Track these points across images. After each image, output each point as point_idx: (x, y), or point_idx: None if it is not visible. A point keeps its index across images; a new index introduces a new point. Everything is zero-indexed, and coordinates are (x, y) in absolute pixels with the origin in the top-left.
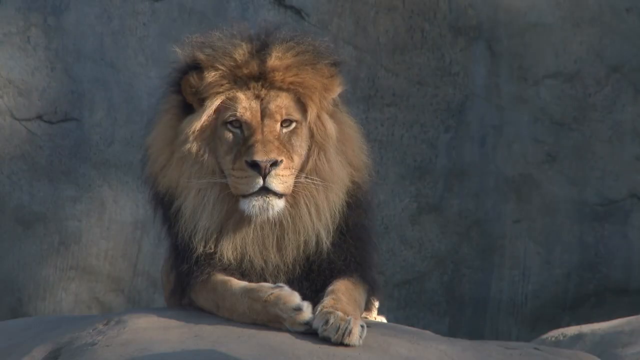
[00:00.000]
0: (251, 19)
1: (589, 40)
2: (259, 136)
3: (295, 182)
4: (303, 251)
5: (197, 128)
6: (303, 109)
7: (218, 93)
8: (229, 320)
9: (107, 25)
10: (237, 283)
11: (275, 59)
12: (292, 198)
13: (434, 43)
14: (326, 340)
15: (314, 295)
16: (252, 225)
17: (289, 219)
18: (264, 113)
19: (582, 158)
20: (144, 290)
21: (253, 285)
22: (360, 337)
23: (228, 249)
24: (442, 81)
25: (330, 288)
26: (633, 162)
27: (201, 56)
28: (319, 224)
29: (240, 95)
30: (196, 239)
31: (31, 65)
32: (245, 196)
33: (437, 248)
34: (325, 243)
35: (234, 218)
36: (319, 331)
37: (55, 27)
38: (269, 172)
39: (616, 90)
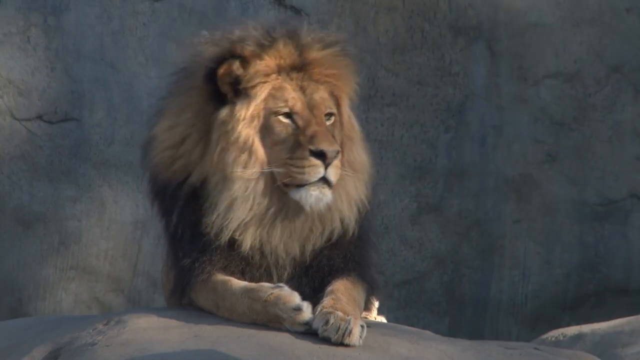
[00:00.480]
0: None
1: (589, 40)
2: (316, 127)
3: None
4: (326, 241)
5: (247, 117)
6: (336, 102)
7: (265, 82)
8: (229, 320)
9: (107, 25)
10: (238, 283)
11: (314, 51)
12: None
13: (434, 43)
14: (326, 341)
15: (312, 292)
16: (290, 216)
17: (324, 209)
18: (311, 104)
19: (582, 158)
20: (144, 290)
21: (253, 285)
22: (360, 337)
23: (248, 239)
24: (442, 81)
25: (329, 288)
26: (633, 162)
27: (243, 46)
28: (350, 214)
29: (287, 86)
30: (226, 230)
31: (31, 65)
32: (300, 186)
33: (437, 248)
34: (354, 232)
35: (273, 208)
36: (319, 331)
37: (55, 27)
38: (330, 162)
39: (616, 90)
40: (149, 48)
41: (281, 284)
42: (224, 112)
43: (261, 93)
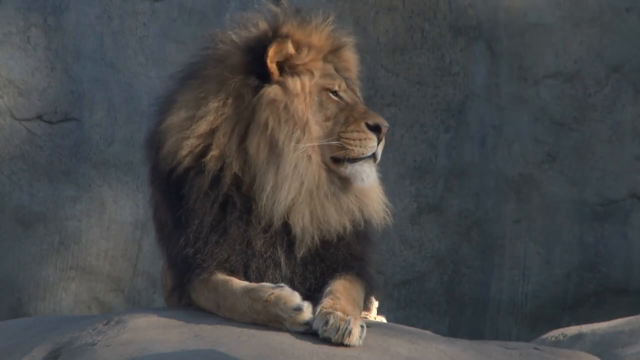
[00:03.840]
0: None
1: (589, 40)
2: (363, 105)
3: None
4: (365, 222)
5: (301, 93)
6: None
7: (317, 60)
8: (230, 320)
9: (107, 25)
10: (238, 283)
11: (344, 37)
12: None
13: (434, 43)
14: (326, 341)
15: (314, 280)
16: (339, 193)
17: (372, 186)
18: (349, 85)
19: (582, 158)
20: (144, 290)
21: (254, 285)
22: (360, 337)
23: (299, 219)
24: (442, 81)
25: (328, 289)
26: (633, 162)
27: (290, 26)
28: (384, 198)
29: (331, 66)
30: (279, 208)
31: (31, 65)
32: (354, 160)
33: (437, 248)
34: (390, 216)
35: (325, 186)
36: (319, 332)
37: (55, 27)
38: (382, 138)
39: (616, 90)
40: (149, 48)
41: (282, 284)
42: (273, 91)
43: (315, 71)
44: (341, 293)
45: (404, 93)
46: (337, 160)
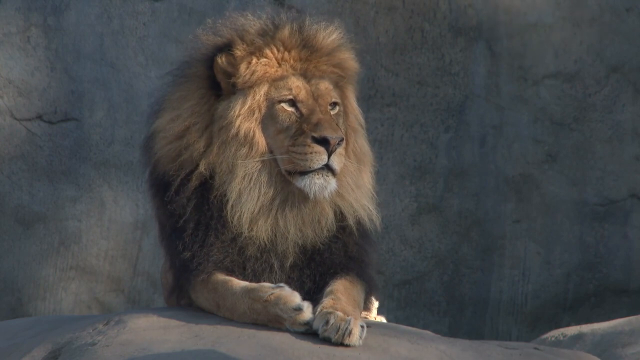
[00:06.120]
0: None
1: (589, 40)
2: (320, 115)
3: None
4: (338, 229)
5: (244, 112)
6: (341, 92)
7: (263, 76)
8: (230, 320)
9: (107, 25)
10: (238, 283)
11: (319, 40)
12: (338, 178)
13: (434, 43)
14: (326, 341)
15: (313, 286)
16: (299, 204)
17: (336, 197)
18: (316, 94)
19: (582, 158)
20: (144, 290)
21: (254, 285)
22: (360, 337)
23: (261, 231)
24: (442, 81)
25: (328, 289)
26: (633, 162)
27: (239, 42)
28: (364, 199)
29: (291, 74)
30: (242, 221)
31: (31, 65)
32: (304, 173)
33: (437, 248)
34: (377, 218)
35: (280, 197)
36: (320, 332)
37: (55, 27)
38: (334, 150)
39: (616, 90)
40: (149, 48)
41: (282, 284)
42: (221, 107)
43: (259, 89)
44: (342, 293)
45: (404, 93)
46: (290, 173)
